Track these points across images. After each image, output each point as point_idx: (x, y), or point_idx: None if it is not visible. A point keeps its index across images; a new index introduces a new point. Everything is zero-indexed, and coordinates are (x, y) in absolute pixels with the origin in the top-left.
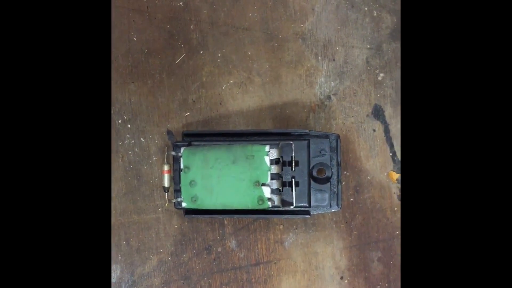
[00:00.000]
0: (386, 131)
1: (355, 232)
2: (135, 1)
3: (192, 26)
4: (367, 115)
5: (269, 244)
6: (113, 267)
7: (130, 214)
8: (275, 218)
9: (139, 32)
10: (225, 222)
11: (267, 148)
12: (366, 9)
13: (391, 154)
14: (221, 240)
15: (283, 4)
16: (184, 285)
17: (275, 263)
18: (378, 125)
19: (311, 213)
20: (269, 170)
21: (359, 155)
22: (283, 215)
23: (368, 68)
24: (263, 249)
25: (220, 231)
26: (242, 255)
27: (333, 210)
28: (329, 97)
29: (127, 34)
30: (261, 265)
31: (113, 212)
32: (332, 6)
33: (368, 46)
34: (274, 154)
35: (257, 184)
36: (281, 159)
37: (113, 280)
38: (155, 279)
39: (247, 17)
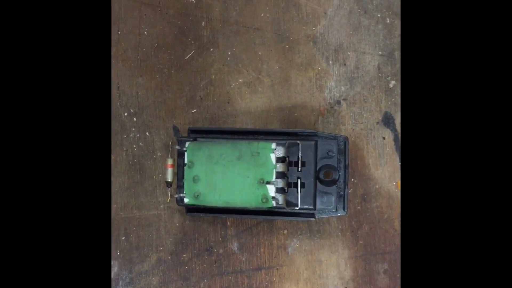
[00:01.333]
0: (396, 139)
1: (361, 242)
2: None
3: (203, 23)
4: (377, 122)
5: (272, 249)
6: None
7: (131, 210)
8: (279, 220)
9: (150, 26)
10: (228, 223)
11: (273, 145)
12: (379, 15)
13: (400, 163)
14: (223, 241)
15: (295, 6)
16: (183, 286)
17: (277, 269)
18: (388, 133)
19: (316, 216)
20: (275, 168)
21: (368, 162)
22: (287, 217)
23: (380, 75)
24: (266, 254)
25: (223, 232)
26: (243, 259)
27: (339, 214)
28: (338, 102)
29: (137, 28)
30: (263, 270)
31: (113, 206)
32: (344, 11)
33: (380, 52)
34: (280, 152)
35: (262, 181)
36: (287, 158)
37: None
38: (153, 278)
39: (259, 17)
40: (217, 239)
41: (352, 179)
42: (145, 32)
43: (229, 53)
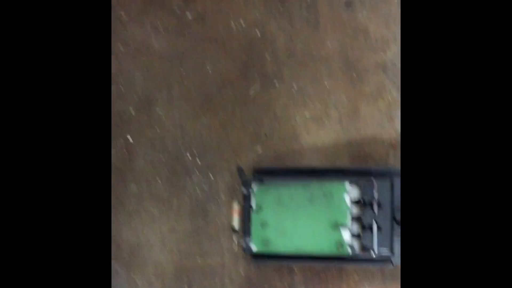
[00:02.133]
0: None
1: None
2: (210, 31)
3: (267, 56)
4: None
5: None
6: None
7: (194, 257)
8: (352, 266)
9: (214, 62)
10: (295, 269)
11: (347, 185)
12: None
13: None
14: None
15: (363, 32)
16: None
17: None
18: None
19: (394, 264)
20: (349, 210)
21: None
22: (362, 263)
23: None
24: None
25: (289, 278)
26: None
27: None
28: None
29: (201, 65)
30: None
31: (177, 254)
32: None
33: None
34: (354, 192)
35: (336, 225)
36: (362, 199)
37: None
38: None
39: (325, 46)
40: (284, 287)
41: None
42: (209, 69)
43: (295, 85)
